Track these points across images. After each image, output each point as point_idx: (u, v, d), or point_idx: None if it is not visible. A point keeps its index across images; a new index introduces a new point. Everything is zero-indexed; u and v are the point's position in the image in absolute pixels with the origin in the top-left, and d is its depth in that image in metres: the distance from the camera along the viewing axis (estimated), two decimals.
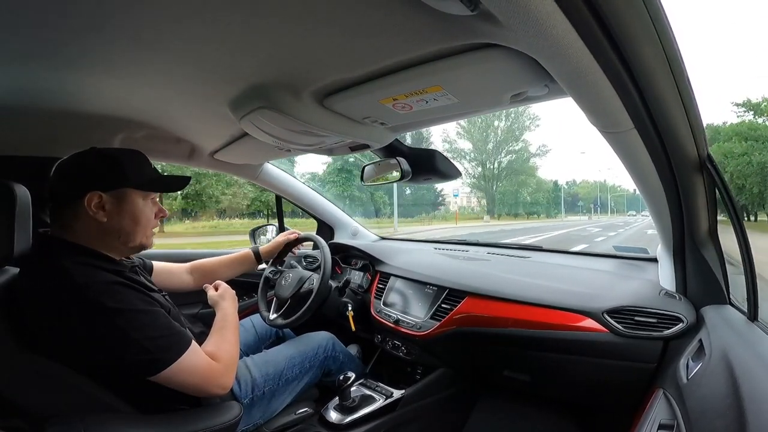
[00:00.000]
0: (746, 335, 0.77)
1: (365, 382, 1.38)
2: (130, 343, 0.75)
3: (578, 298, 1.14)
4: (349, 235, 2.19)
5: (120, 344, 0.75)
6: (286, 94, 0.88)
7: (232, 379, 0.91)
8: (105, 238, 0.86)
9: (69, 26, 0.64)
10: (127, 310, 0.77)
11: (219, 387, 0.87)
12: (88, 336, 0.74)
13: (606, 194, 68.29)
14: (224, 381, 0.88)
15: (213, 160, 1.59)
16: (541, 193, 42.69)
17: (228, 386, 0.89)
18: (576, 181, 71.68)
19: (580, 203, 64.66)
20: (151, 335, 0.78)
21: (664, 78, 0.62)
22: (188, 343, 0.83)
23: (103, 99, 0.98)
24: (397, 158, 1.32)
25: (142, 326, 0.77)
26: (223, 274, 1.36)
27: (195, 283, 1.30)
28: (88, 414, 0.74)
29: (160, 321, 0.81)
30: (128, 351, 0.76)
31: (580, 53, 0.54)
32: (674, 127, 0.73)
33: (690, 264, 1.04)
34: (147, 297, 0.83)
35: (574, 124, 76.77)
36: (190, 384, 0.83)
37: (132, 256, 1.01)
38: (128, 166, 0.88)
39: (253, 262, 1.43)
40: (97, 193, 0.83)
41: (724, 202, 0.88)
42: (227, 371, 0.89)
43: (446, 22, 0.56)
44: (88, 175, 0.84)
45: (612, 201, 68.12)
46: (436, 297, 1.41)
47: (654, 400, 0.80)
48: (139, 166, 0.91)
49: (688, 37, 78.76)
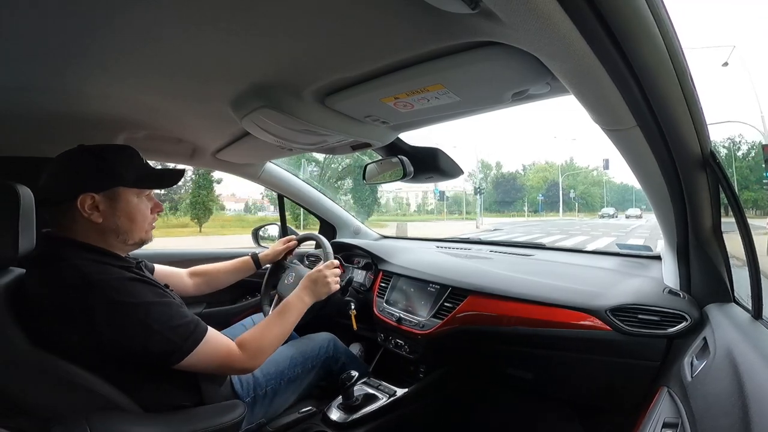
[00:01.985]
0: (751, 333, 0.76)
1: (368, 381, 1.38)
2: (153, 333, 0.77)
3: (581, 296, 1.14)
4: (351, 233, 2.19)
5: (143, 336, 0.76)
6: (288, 94, 0.88)
7: (256, 364, 0.93)
8: (105, 237, 0.86)
9: (70, 27, 0.64)
10: (144, 302, 0.78)
11: (238, 371, 0.93)
12: (109, 332, 0.75)
13: (574, 181, 46.51)
14: (245, 366, 0.91)
15: (215, 160, 1.59)
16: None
17: (249, 371, 0.94)
18: (538, 163, 51.34)
19: (523, 195, 45.85)
20: (172, 324, 0.79)
21: (667, 75, 0.61)
22: (205, 329, 0.84)
23: (104, 99, 0.98)
24: (398, 157, 1.32)
25: (160, 316, 0.79)
26: (223, 280, 1.36)
27: (194, 289, 1.30)
28: (92, 413, 0.74)
29: (176, 310, 0.82)
30: (152, 341, 0.77)
31: (582, 51, 0.53)
32: (677, 124, 0.72)
33: (694, 262, 1.04)
34: (159, 289, 0.84)
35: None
36: (211, 369, 0.87)
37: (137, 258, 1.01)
38: (118, 164, 0.86)
39: (253, 268, 1.43)
40: (89, 195, 0.82)
41: (728, 200, 0.87)
42: (250, 358, 0.91)
43: (447, 21, 0.56)
44: (78, 177, 0.83)
45: (577, 192, 45.18)
46: (438, 295, 1.41)
47: (658, 399, 0.80)
48: (129, 161, 0.88)
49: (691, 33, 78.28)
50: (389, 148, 1.30)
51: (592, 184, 48.51)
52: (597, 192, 48.73)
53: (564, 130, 63.30)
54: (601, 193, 48.81)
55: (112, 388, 0.78)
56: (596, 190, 48.73)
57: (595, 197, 47.89)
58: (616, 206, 43.49)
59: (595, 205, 45.34)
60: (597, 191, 48.82)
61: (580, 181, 47.94)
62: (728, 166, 22.24)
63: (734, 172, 26.10)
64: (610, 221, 29.80)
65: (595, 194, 48.25)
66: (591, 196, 47.46)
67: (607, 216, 36.73)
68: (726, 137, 30.58)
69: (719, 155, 0.86)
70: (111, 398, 0.78)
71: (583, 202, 45.63)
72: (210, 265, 1.35)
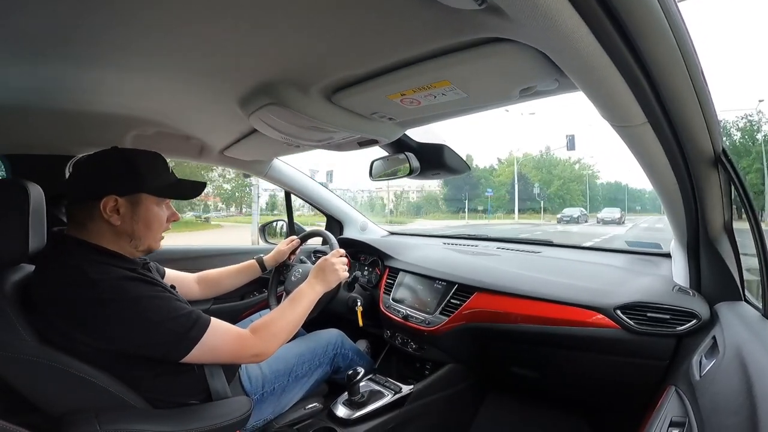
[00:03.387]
0: (761, 332, 0.75)
1: (374, 378, 1.38)
2: (154, 326, 0.78)
3: (589, 294, 1.13)
4: (357, 230, 2.20)
5: (144, 330, 0.77)
6: (295, 91, 0.88)
7: (270, 349, 0.94)
8: (116, 240, 0.87)
9: (81, 26, 0.65)
10: (142, 297, 0.79)
11: (252, 357, 0.92)
12: (111, 329, 0.76)
13: (549, 176, 36.87)
14: (257, 351, 0.92)
15: (223, 157, 1.60)
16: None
17: (263, 356, 0.93)
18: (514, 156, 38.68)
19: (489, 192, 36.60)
20: (172, 315, 0.80)
21: (677, 71, 0.60)
22: (208, 319, 0.85)
23: (114, 98, 0.99)
24: (405, 153, 1.32)
25: (159, 310, 0.79)
26: (228, 284, 1.37)
27: (201, 294, 1.32)
28: (102, 410, 0.76)
29: (176, 304, 0.83)
30: (154, 334, 0.78)
31: (591, 47, 0.53)
32: (688, 121, 0.71)
33: (704, 260, 1.03)
34: (159, 287, 0.85)
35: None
36: (224, 358, 0.88)
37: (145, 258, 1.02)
38: (147, 171, 0.88)
39: (258, 271, 1.43)
40: (113, 197, 0.83)
41: (740, 198, 0.86)
42: (263, 343, 0.92)
43: (454, 17, 0.56)
44: (106, 178, 0.85)
45: (552, 188, 36.52)
46: (445, 292, 1.41)
47: (666, 398, 0.79)
48: (158, 170, 0.90)
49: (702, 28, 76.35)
50: (396, 144, 1.30)
51: (572, 179, 38.42)
52: (577, 189, 38.81)
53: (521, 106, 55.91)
54: (582, 189, 38.91)
55: (122, 386, 0.80)
56: (576, 186, 38.63)
57: (575, 195, 38.28)
58: (606, 206, 33.47)
59: (575, 204, 35.61)
60: (577, 188, 38.75)
61: (556, 175, 38.16)
62: (746, 152, 19.08)
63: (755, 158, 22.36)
64: (571, 228, 21.79)
65: (575, 191, 38.47)
66: (570, 194, 37.91)
67: (568, 220, 26.46)
68: (741, 115, 25.29)
69: (734, 139, 0.83)
70: (120, 395, 0.79)
71: (559, 200, 36.70)
72: (216, 271, 1.37)
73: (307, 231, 1.61)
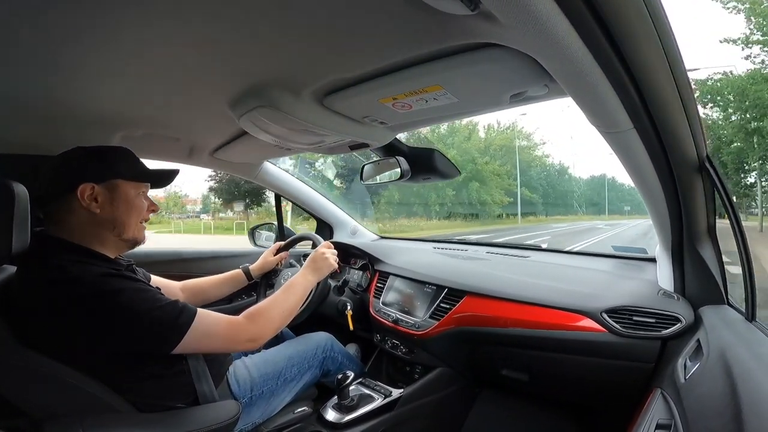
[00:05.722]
0: (744, 335, 0.77)
1: (364, 381, 1.38)
2: (139, 316, 0.77)
3: (577, 298, 1.14)
4: (348, 234, 2.19)
5: (130, 322, 0.76)
6: (286, 93, 0.88)
7: (265, 334, 0.94)
8: (99, 231, 0.86)
9: (67, 26, 0.64)
10: (125, 290, 0.78)
11: (247, 342, 0.92)
12: (94, 326, 0.75)
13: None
14: (252, 336, 0.92)
15: (213, 159, 1.59)
16: None
17: (259, 341, 0.94)
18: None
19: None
20: (158, 305, 0.79)
21: (664, 78, 0.62)
22: (194, 308, 0.85)
23: (102, 98, 0.97)
24: (396, 157, 1.32)
25: (143, 302, 0.78)
26: (213, 294, 1.35)
27: (185, 302, 1.29)
28: (86, 414, 0.74)
29: (160, 296, 0.83)
30: (141, 326, 0.77)
31: (580, 53, 0.54)
32: (673, 127, 0.73)
33: (688, 264, 1.05)
34: (142, 284, 0.84)
35: None
36: (217, 345, 0.88)
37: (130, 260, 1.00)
38: (118, 160, 0.90)
39: (244, 280, 1.42)
40: (89, 185, 0.83)
41: (723, 204, 0.88)
42: (259, 328, 0.93)
43: (446, 22, 0.56)
44: (79, 169, 0.85)
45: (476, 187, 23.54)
46: (435, 296, 1.41)
47: (652, 400, 0.80)
48: (129, 160, 0.92)
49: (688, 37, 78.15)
50: (387, 148, 1.31)
51: (492, 155, 28.44)
52: (502, 182, 26.78)
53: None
54: (512, 184, 28.20)
55: (105, 389, 0.78)
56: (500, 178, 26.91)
57: (494, 192, 25.91)
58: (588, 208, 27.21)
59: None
60: (501, 181, 26.79)
61: (451, 145, 26.15)
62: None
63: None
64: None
65: (493, 183, 25.91)
66: (484, 190, 25.55)
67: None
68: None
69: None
70: (104, 399, 0.77)
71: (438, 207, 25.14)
72: (202, 280, 1.35)
73: (292, 237, 1.60)
